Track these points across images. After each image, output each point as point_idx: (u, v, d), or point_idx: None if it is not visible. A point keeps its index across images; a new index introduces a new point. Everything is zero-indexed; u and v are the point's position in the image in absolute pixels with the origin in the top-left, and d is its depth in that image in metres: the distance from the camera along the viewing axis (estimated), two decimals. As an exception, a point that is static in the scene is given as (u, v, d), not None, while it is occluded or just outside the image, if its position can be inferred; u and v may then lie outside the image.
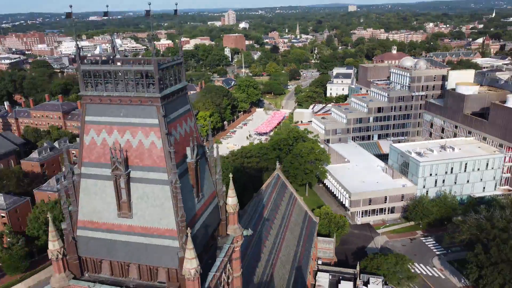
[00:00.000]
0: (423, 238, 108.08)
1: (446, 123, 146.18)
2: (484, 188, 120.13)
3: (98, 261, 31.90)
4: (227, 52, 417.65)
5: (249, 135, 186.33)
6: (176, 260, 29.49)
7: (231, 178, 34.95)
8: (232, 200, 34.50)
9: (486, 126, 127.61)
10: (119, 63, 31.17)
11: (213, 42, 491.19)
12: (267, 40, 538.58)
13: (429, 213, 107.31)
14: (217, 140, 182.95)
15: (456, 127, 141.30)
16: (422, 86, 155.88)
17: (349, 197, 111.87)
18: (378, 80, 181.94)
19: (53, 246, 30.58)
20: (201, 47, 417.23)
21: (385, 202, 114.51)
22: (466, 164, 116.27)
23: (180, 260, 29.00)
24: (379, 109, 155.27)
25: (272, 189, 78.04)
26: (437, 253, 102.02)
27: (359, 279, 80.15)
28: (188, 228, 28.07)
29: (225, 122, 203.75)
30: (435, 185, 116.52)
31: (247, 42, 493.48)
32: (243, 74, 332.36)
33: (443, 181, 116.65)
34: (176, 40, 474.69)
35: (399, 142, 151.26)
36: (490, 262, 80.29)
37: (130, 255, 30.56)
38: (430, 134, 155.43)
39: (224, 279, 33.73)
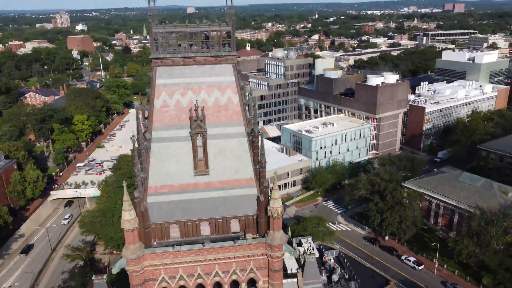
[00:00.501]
0: (324, 202, 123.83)
1: (319, 104, 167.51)
2: (359, 154, 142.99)
3: (166, 226, 32.05)
4: (75, 55, 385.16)
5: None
6: (255, 206, 32.02)
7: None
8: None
9: (353, 103, 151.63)
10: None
11: (53, 45, 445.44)
12: (115, 42, 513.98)
13: (326, 180, 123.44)
14: (99, 144, 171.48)
15: (328, 107, 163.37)
16: (295, 74, 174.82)
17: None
18: (251, 72, 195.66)
19: (130, 215, 29.80)
20: (43, 50, 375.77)
21: (288, 177, 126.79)
22: (345, 135, 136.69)
23: (261, 204, 31.67)
24: (262, 97, 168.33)
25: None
26: (339, 212, 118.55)
27: (293, 242, 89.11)
28: (275, 171, 31.11)
29: (102, 125, 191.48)
30: (325, 156, 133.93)
31: (94, 44, 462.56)
32: (101, 76, 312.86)
33: (331, 152, 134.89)
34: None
35: (280, 126, 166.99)
36: (388, 206, 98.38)
37: (207, 211, 31.65)
38: (306, 116, 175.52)
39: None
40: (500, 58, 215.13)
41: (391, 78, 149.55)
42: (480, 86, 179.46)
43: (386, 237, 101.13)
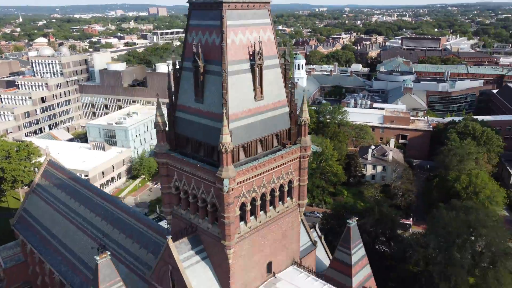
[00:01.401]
0: (156, 186, 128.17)
1: (108, 99, 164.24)
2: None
3: (237, 149, 37.06)
4: None
5: None
6: (288, 122, 41.08)
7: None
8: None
9: (146, 91, 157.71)
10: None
11: None
12: None
13: (152, 165, 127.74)
14: None
15: (119, 100, 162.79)
16: (73, 71, 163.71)
17: (88, 175, 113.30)
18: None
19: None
20: None
21: (113, 171, 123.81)
22: (153, 121, 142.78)
23: (293, 119, 41.12)
24: (43, 99, 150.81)
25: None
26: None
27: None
28: (304, 90, 40.85)
29: None
30: (141, 144, 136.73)
31: None
32: None
33: (145, 139, 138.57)
34: None
35: (68, 129, 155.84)
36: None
37: (262, 130, 38.48)
38: (94, 113, 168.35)
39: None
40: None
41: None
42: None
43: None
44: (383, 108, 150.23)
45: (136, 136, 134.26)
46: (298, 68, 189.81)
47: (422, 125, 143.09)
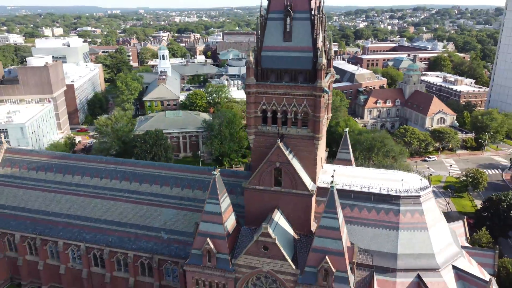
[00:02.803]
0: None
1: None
2: (53, 132, 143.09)
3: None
4: None
5: None
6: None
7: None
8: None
9: (20, 89, 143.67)
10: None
11: None
12: None
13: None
14: None
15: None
16: None
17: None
18: None
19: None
20: None
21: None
22: (42, 117, 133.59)
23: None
24: None
25: None
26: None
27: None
28: (327, 43, 60.12)
29: None
30: (37, 141, 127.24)
31: None
32: None
33: (39, 135, 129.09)
34: None
35: None
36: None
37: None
38: None
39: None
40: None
41: (41, 60, 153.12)
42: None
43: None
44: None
45: (32, 132, 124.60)
46: (163, 58, 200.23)
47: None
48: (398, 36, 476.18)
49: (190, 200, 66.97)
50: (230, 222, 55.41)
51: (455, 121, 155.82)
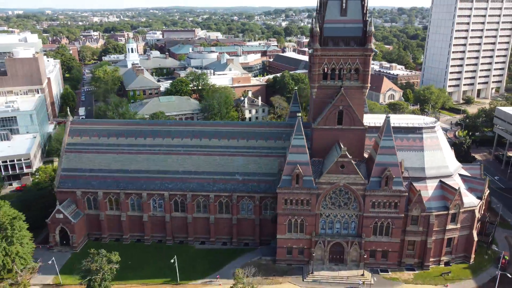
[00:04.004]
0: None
1: None
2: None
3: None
4: None
5: None
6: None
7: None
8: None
9: (8, 80, 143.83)
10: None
11: None
12: None
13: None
14: None
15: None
16: None
17: (30, 157, 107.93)
18: None
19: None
20: None
21: (38, 154, 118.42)
22: (39, 107, 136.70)
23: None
24: None
25: None
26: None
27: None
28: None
29: None
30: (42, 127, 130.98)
31: None
32: None
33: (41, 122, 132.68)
34: None
35: None
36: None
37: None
38: None
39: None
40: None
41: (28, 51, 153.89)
42: None
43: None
44: (226, 74, 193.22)
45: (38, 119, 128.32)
46: (132, 52, 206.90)
47: (259, 82, 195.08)
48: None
49: (255, 148, 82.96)
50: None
51: (402, 97, 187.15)
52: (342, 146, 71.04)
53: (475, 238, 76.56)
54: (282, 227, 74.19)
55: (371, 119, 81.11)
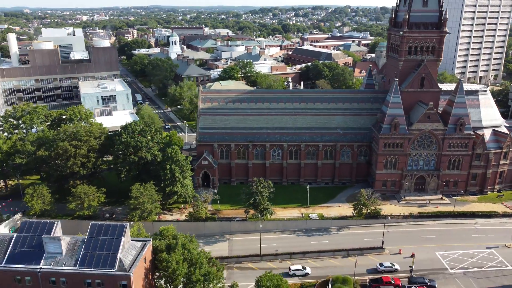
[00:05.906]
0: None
1: (40, 81, 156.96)
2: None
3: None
4: None
5: None
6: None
7: None
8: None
9: (91, 66, 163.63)
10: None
11: None
12: None
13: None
14: None
15: (55, 79, 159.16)
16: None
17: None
18: None
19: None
20: None
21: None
22: (128, 94, 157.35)
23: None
24: None
25: None
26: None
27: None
28: None
29: None
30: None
31: None
32: None
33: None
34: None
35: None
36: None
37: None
38: (21, 99, 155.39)
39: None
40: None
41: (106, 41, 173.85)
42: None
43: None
44: (263, 63, 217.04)
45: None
46: (175, 44, 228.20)
47: (292, 70, 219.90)
48: (316, 30, 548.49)
49: (350, 109, 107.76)
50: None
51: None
52: (427, 103, 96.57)
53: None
54: (380, 165, 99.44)
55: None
